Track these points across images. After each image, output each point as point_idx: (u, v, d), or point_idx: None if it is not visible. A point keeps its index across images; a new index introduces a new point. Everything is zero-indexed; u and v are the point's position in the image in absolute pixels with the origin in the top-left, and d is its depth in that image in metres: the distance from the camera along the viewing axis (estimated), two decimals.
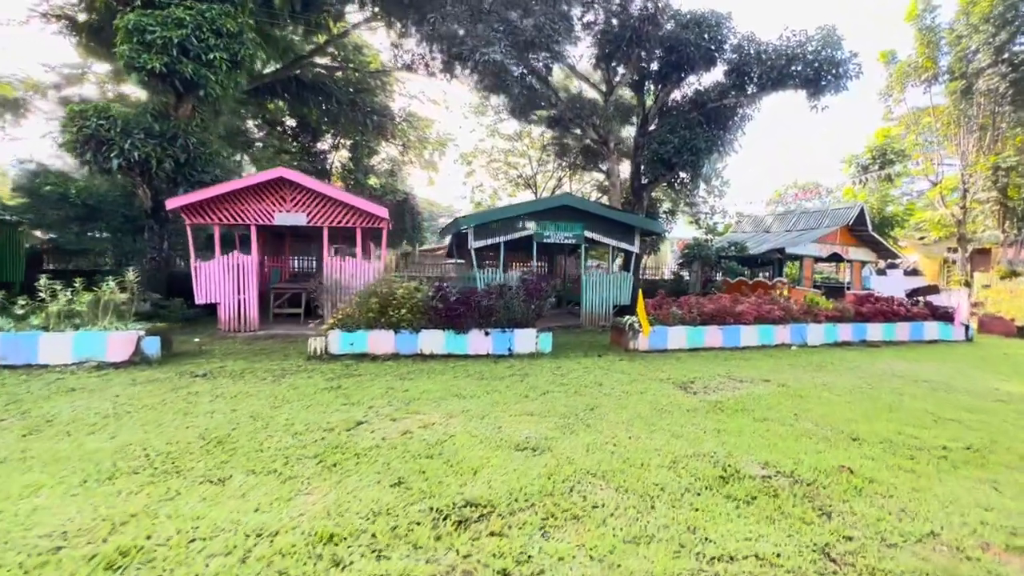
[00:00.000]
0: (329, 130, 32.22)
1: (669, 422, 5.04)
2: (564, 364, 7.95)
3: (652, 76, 15.47)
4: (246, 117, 28.64)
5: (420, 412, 5.17)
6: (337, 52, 27.58)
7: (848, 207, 16.03)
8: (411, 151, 42.84)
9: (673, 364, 8.20)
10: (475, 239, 11.99)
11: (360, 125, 29.76)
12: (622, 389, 6.38)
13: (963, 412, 5.68)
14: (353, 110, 28.46)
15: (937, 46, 21.48)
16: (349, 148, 35.85)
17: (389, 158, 43.17)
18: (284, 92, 26.90)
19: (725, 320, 9.95)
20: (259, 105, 27.70)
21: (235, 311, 10.45)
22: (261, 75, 24.90)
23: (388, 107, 31.83)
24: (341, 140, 35.23)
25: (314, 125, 30.90)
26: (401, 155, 42.30)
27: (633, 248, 13.12)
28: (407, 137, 39.96)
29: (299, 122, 31.62)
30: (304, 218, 10.73)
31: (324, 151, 36.16)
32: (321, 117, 29.98)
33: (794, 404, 5.87)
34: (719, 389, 6.55)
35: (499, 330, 8.57)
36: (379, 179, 37.48)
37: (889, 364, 8.68)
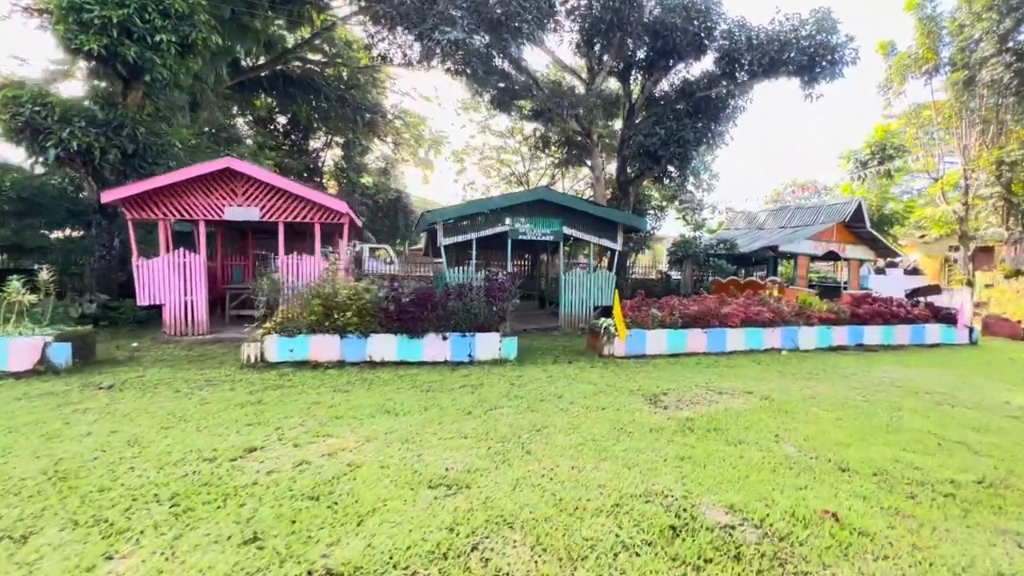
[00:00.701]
0: (321, 128, 31.52)
1: (625, 447, 4.27)
2: (527, 372, 7.18)
3: (638, 65, 14.69)
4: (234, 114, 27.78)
5: (334, 435, 4.39)
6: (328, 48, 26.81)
7: (845, 202, 15.26)
8: (403, 149, 42.15)
9: (648, 372, 7.43)
10: (444, 236, 11.23)
11: (351, 122, 29.03)
12: (583, 404, 5.61)
13: (970, 432, 4.90)
14: (343, 107, 27.70)
15: (938, 36, 20.69)
16: (341, 146, 35.23)
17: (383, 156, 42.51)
18: (271, 88, 26.14)
19: (710, 323, 9.18)
20: (246, 101, 26.90)
21: (182, 313, 9.67)
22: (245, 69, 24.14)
23: (379, 104, 31.05)
24: (333, 138, 34.63)
25: (304, 122, 30.19)
26: (394, 153, 41.63)
27: (616, 245, 12.35)
28: (399, 135, 39.25)
29: (290, 119, 30.96)
30: (257, 212, 9.95)
31: (317, 149, 35.57)
32: (312, 114, 29.28)
33: (777, 422, 5.09)
34: (693, 403, 5.78)
35: (458, 334, 7.80)
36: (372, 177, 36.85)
37: (887, 372, 7.90)
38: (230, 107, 26.60)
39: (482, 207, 11.31)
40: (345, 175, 34.65)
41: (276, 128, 31.48)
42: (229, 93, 24.68)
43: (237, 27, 20.30)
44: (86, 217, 12.15)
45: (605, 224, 12.19)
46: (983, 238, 22.60)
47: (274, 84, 26.10)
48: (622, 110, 15.61)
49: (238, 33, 20.76)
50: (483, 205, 11.39)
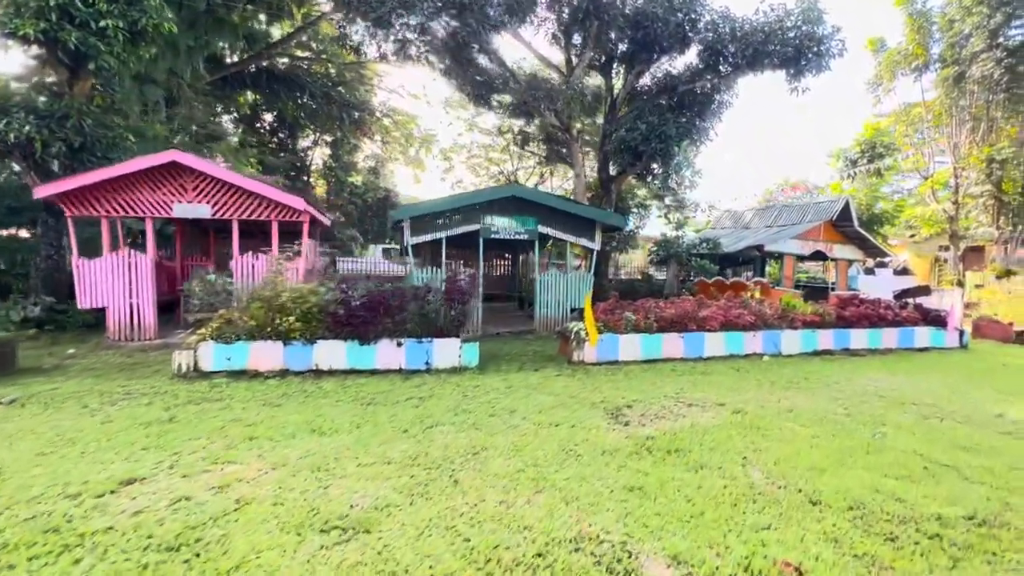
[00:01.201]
0: (308, 126, 30.91)
1: (569, 475, 3.73)
2: (485, 382, 6.63)
3: (620, 58, 14.18)
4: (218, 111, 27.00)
5: (237, 461, 3.83)
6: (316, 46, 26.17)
7: (832, 200, 14.82)
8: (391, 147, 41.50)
9: (618, 381, 6.91)
10: (412, 234, 10.65)
11: (337, 120, 28.44)
12: (535, 419, 5.07)
13: (960, 453, 4.40)
14: (329, 104, 27.09)
15: (928, 32, 20.33)
16: (330, 144, 34.62)
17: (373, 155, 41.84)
18: (255, 84, 25.47)
19: (687, 327, 8.67)
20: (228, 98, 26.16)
21: (127, 317, 9.06)
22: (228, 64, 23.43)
23: (366, 102, 30.41)
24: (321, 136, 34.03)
25: (291, 120, 29.55)
26: (383, 151, 40.97)
27: (594, 245, 11.82)
28: (388, 133, 38.62)
29: (277, 117, 30.35)
30: (208, 209, 9.35)
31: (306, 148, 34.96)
32: (298, 112, 28.64)
33: (746, 441, 4.58)
34: (659, 417, 5.26)
35: (414, 340, 7.24)
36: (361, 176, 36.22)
37: (872, 380, 7.42)
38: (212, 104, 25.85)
39: (452, 203, 10.75)
40: (333, 174, 34.00)
41: (263, 126, 30.86)
42: (210, 89, 23.96)
43: (213, 21, 19.63)
44: (31, 214, 11.50)
45: (583, 223, 11.66)
46: (973, 237, 22.28)
47: (258, 81, 25.44)
48: (604, 105, 15.09)
49: (215, 27, 20.09)
50: (453, 202, 10.83)
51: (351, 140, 32.19)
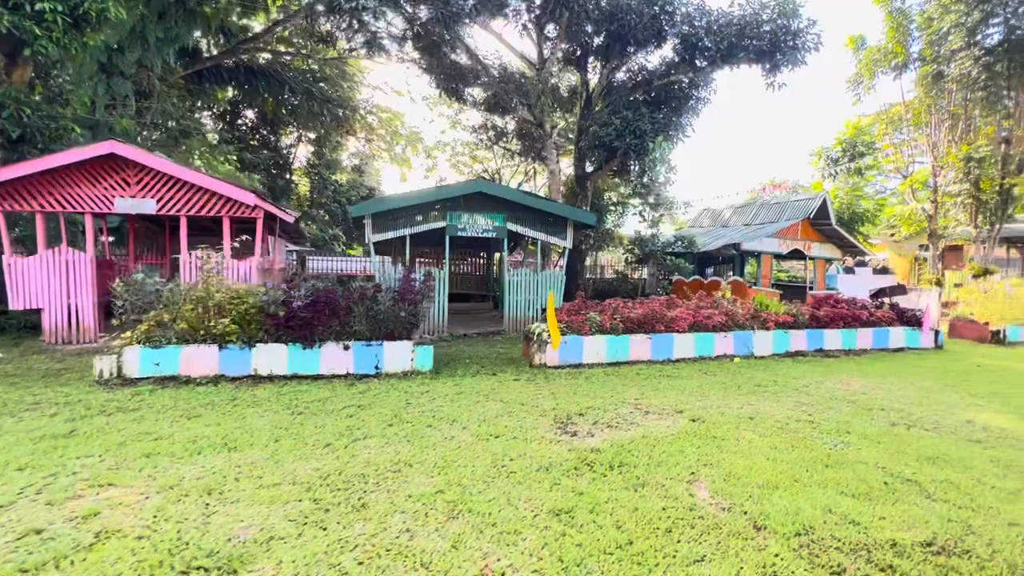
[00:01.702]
0: (290, 123, 30.30)
1: (493, 496, 3.35)
2: (435, 388, 6.24)
3: (595, 52, 13.83)
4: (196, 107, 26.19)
5: (120, 484, 3.40)
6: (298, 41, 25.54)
7: (809, 198, 14.61)
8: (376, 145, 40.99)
9: (577, 386, 6.55)
10: (374, 231, 10.24)
11: (319, 117, 27.86)
12: (476, 430, 4.68)
13: (925, 465, 4.09)
14: (310, 100, 26.48)
15: (907, 31, 20.25)
16: (313, 142, 34.08)
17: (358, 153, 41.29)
18: (233, 80, 24.79)
19: (654, 327, 8.33)
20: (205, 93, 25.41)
21: (64, 320, 8.54)
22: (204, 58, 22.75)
23: (348, 98, 29.82)
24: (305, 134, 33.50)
25: (272, 117, 28.92)
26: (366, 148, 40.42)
27: (566, 242, 11.46)
28: (372, 130, 38.07)
29: (258, 114, 29.74)
30: (153, 204, 8.84)
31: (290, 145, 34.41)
32: (279, 108, 28.01)
33: (699, 453, 4.23)
34: (610, 427, 4.90)
35: (363, 343, 6.82)
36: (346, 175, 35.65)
37: (843, 382, 7.13)
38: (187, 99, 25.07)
39: (415, 199, 10.33)
40: (317, 172, 33.42)
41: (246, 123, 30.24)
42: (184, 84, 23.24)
43: (184, 12, 18.96)
44: None
45: (554, 220, 11.31)
46: (952, 236, 22.30)
47: (236, 76, 24.74)
48: (579, 101, 14.75)
49: (186, 18, 19.39)
50: (417, 197, 10.41)
51: (334, 137, 31.70)
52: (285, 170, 32.64)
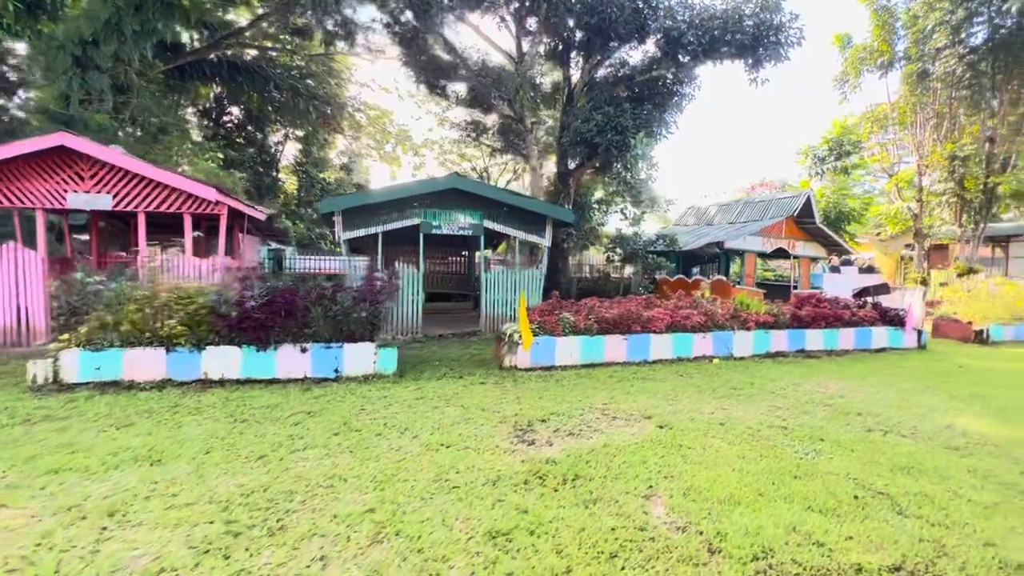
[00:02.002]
0: (276, 120, 29.83)
1: (430, 515, 3.06)
2: (394, 393, 5.93)
3: (577, 46, 13.56)
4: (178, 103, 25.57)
5: (11, 505, 3.07)
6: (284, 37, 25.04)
7: (793, 196, 14.44)
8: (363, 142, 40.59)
9: (545, 389, 6.27)
10: (345, 229, 9.90)
11: (305, 114, 27.36)
12: (427, 440, 4.39)
13: (899, 476, 3.85)
14: (295, 97, 26.00)
15: (893, 29, 20.17)
16: (301, 140, 33.69)
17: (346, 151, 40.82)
18: (216, 75, 24.24)
19: (631, 328, 8.07)
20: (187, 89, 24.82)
21: (13, 321, 8.13)
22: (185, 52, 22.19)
23: (335, 95, 29.36)
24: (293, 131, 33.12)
25: (256, 113, 28.44)
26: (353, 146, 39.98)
27: (544, 240, 11.19)
28: (360, 128, 37.66)
29: (244, 111, 29.27)
30: (109, 200, 8.47)
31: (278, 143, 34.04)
32: (264, 105, 27.52)
33: (661, 464, 3.96)
34: (573, 434, 4.62)
35: (322, 345, 6.50)
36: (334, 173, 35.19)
37: (821, 385, 6.91)
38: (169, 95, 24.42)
39: (387, 195, 10.02)
40: (304, 170, 32.96)
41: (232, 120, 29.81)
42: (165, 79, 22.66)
43: (162, 4, 18.43)
44: None
45: (532, 217, 11.03)
46: (937, 236, 22.28)
47: (219, 71, 24.16)
48: (562, 96, 14.49)
49: (163, 11, 18.85)
50: (389, 193, 10.10)
51: (321, 135, 31.30)
52: (271, 168, 32.16)
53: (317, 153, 33.92)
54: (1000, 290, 12.02)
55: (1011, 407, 5.98)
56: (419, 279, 10.22)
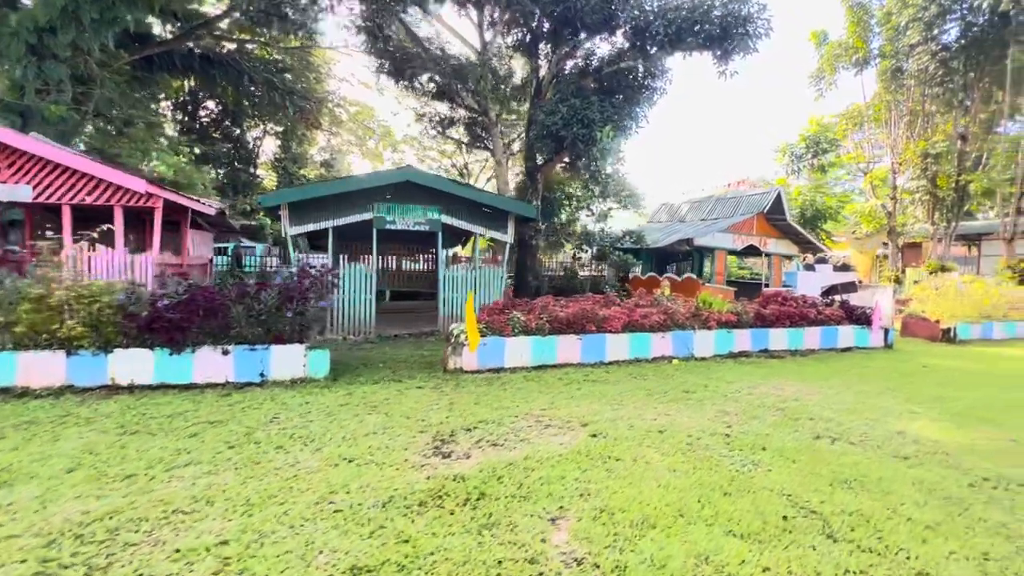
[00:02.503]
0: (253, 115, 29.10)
1: (292, 546, 2.65)
2: (318, 399, 5.49)
3: (544, 37, 13.17)
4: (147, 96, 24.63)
5: None
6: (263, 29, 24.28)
7: (763, 192, 14.22)
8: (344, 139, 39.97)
9: (484, 393, 5.88)
10: (291, 223, 9.40)
11: (281, 109, 26.63)
12: (330, 454, 3.97)
13: (838, 492, 3.51)
14: (271, 91, 25.25)
15: (868, 26, 20.10)
16: (280, 135, 33.07)
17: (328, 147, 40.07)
18: (187, 68, 23.39)
19: (585, 328, 7.71)
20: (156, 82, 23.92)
21: None
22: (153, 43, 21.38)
23: (312, 90, 28.66)
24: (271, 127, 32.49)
25: (232, 108, 27.70)
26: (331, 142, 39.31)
27: (506, 237, 10.80)
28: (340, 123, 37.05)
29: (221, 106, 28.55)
30: (29, 191, 7.90)
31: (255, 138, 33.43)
32: (240, 100, 26.74)
33: (582, 479, 3.59)
34: (496, 445, 4.24)
35: (247, 347, 6.03)
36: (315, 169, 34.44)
37: (778, 387, 6.61)
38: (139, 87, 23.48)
39: (337, 188, 9.55)
40: (282, 165, 32.26)
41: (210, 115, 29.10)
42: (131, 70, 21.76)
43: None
44: None
45: (493, 213, 10.63)
46: (910, 234, 22.32)
47: (190, 64, 23.29)
48: (530, 89, 14.10)
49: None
50: (338, 186, 9.63)
51: (298, 131, 30.66)
52: (249, 164, 31.42)
53: (296, 149, 33.26)
54: (968, 288, 11.90)
55: (969, 411, 5.72)
56: (371, 276, 9.77)
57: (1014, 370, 8.45)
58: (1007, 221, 17.85)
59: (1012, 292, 12.86)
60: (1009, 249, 17.85)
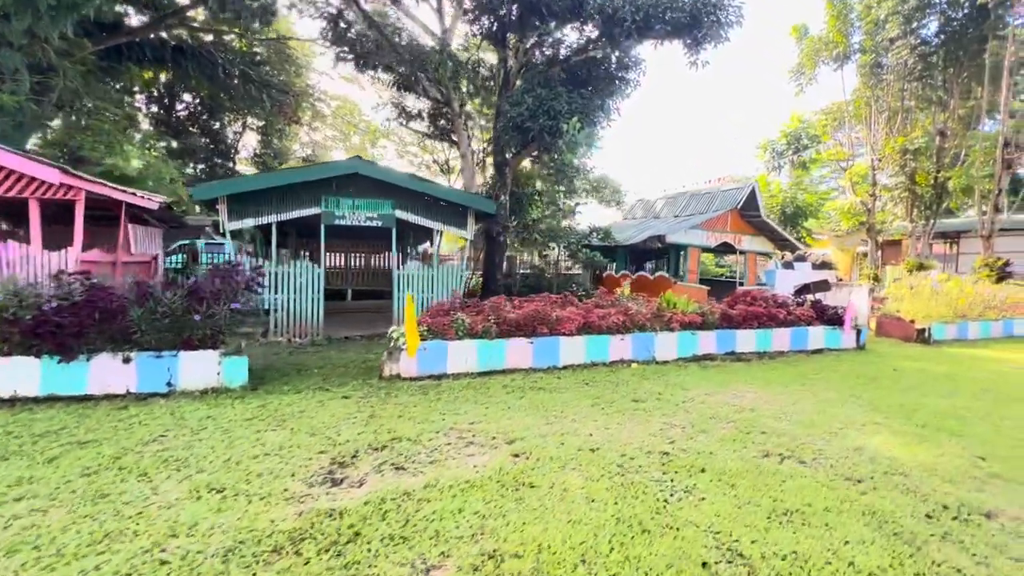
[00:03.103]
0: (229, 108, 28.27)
1: None
2: (222, 412, 4.93)
3: (511, 26, 12.62)
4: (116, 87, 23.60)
5: None
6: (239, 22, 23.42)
7: (737, 188, 13.83)
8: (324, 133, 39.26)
9: (415, 404, 5.35)
10: (230, 218, 8.79)
11: (258, 102, 25.80)
12: (200, 481, 3.42)
13: (775, 528, 3.03)
14: (246, 84, 24.42)
15: (848, 20, 19.78)
16: (260, 130, 32.32)
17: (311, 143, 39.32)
18: (158, 59, 22.47)
19: (536, 330, 7.21)
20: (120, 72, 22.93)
21: None
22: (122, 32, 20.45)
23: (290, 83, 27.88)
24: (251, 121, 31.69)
25: (207, 100, 26.85)
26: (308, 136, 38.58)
27: (465, 233, 10.28)
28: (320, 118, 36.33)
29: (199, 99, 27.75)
30: None
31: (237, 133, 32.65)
32: (215, 92, 25.87)
33: (482, 513, 3.08)
34: (402, 468, 3.72)
35: (152, 354, 5.44)
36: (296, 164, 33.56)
37: (737, 395, 6.15)
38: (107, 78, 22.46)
39: (280, 180, 8.94)
40: (262, 160, 31.47)
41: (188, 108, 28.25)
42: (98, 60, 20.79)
43: None
44: None
45: (451, 208, 10.09)
46: (890, 231, 22.12)
47: (161, 55, 22.36)
48: (498, 80, 13.55)
49: None
50: (282, 177, 9.02)
51: (276, 125, 29.93)
52: (227, 158, 30.62)
53: (277, 144, 32.47)
54: (943, 287, 11.58)
55: (935, 421, 5.31)
56: (319, 275, 9.20)
57: (986, 374, 8.09)
58: (985, 218, 17.65)
59: (988, 291, 12.59)
60: (987, 246, 17.66)
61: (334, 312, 13.41)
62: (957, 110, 18.42)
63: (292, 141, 34.91)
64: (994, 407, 5.98)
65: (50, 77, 17.92)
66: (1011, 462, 4.20)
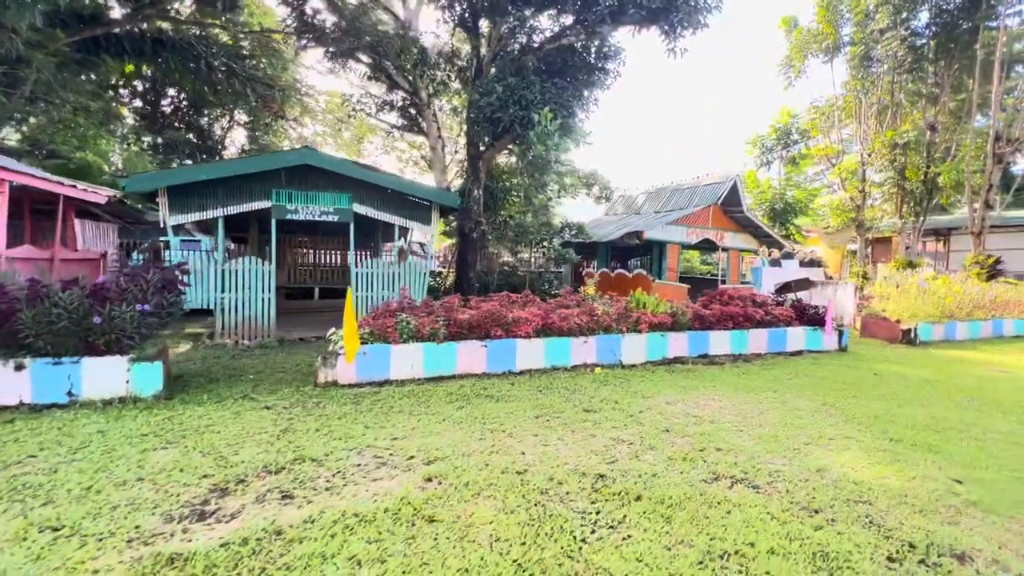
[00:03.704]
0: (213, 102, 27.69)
1: None
2: (117, 425, 4.41)
3: (485, 12, 12.07)
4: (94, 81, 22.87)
5: None
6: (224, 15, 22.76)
7: (718, 182, 13.34)
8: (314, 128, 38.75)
9: (339, 416, 4.84)
10: (172, 212, 8.23)
11: (243, 97, 25.15)
12: (38, 516, 2.90)
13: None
14: (230, 78, 23.77)
15: (838, 11, 19.30)
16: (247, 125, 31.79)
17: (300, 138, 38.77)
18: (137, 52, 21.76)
19: (490, 332, 6.71)
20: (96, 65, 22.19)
21: None
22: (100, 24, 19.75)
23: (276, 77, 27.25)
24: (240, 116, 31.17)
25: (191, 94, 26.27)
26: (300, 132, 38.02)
27: (429, 229, 9.76)
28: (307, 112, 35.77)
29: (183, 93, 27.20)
30: None
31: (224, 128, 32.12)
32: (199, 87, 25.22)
33: (363, 556, 2.58)
34: (289, 496, 3.21)
35: (49, 361, 4.91)
36: None
37: (699, 403, 5.67)
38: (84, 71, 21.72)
39: (225, 171, 8.39)
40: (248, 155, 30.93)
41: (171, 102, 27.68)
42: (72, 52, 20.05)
43: None
44: None
45: (413, 202, 9.56)
46: (880, 228, 21.70)
47: (140, 47, 21.62)
48: (471, 69, 13.02)
49: None
50: (227, 168, 8.47)
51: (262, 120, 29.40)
52: (213, 154, 30.12)
53: (264, 139, 31.92)
54: (931, 285, 11.14)
55: (912, 435, 4.83)
56: (270, 272, 8.66)
57: (972, 379, 7.64)
58: (976, 215, 17.25)
59: (977, 289, 12.16)
60: (977, 244, 17.26)
61: (298, 311, 12.89)
62: (948, 103, 18.00)
63: (280, 137, 34.39)
64: (978, 418, 5.52)
65: (19, 69, 17.22)
66: (992, 487, 3.72)
